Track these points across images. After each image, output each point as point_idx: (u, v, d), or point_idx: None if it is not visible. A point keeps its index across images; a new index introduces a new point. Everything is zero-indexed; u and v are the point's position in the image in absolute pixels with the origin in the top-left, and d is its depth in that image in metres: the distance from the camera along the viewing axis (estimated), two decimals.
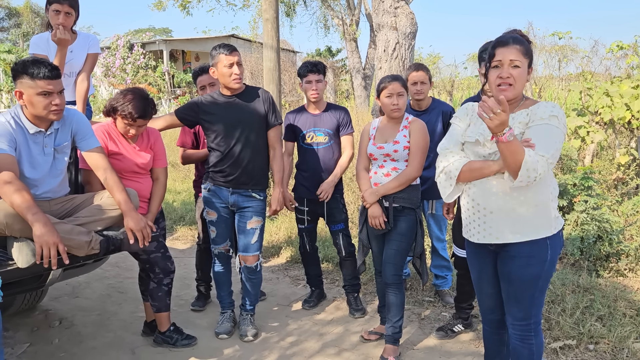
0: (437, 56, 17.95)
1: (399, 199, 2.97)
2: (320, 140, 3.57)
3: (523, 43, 2.14)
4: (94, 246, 2.52)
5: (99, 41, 3.88)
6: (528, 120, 2.11)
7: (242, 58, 3.20)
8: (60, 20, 3.34)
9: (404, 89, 2.99)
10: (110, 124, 3.05)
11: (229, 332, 3.38)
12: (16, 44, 33.92)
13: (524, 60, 2.12)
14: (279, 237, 5.38)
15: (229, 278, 3.49)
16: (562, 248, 2.31)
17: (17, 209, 2.33)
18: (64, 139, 2.68)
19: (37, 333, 3.49)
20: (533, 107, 2.14)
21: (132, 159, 3.03)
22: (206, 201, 3.31)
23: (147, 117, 2.97)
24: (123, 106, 2.90)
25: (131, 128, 2.96)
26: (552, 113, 2.08)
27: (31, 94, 2.45)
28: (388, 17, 5.79)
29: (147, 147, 3.10)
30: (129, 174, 3.03)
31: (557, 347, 3.02)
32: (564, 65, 11.65)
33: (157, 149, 3.15)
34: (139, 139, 3.09)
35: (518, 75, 2.11)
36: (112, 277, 4.55)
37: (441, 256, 3.86)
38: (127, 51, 18.73)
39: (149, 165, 3.10)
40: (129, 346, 3.29)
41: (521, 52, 2.11)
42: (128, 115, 2.90)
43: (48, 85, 2.44)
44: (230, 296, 3.52)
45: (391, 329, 3.05)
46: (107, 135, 3.01)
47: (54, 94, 2.47)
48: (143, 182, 3.08)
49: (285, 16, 18.31)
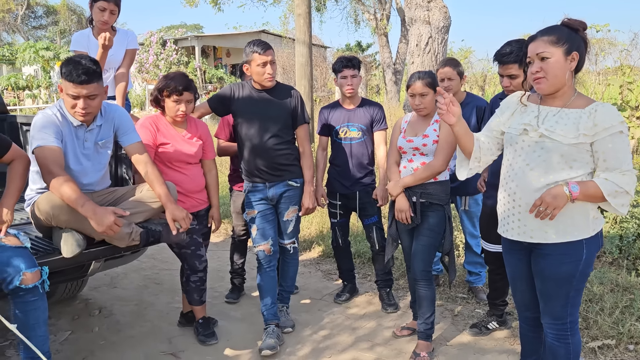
0: (468, 50, 17.71)
1: (426, 194, 2.96)
2: (353, 136, 3.57)
3: (553, 31, 2.07)
4: (135, 237, 2.59)
5: None
6: (592, 126, 2.02)
7: (274, 53, 3.20)
8: (105, 17, 3.43)
9: (427, 88, 2.94)
10: (157, 115, 3.10)
11: (273, 348, 3.08)
12: (54, 41, 34.83)
13: (554, 50, 2.04)
14: (311, 231, 5.41)
15: (273, 286, 3.30)
16: (601, 247, 2.26)
17: (67, 200, 2.41)
18: (106, 135, 2.77)
19: (77, 321, 3.60)
20: (591, 111, 2.05)
21: (181, 147, 3.05)
22: (246, 203, 3.28)
23: (192, 91, 2.99)
24: (167, 83, 2.96)
25: (180, 105, 2.96)
26: (620, 119, 2.01)
27: (63, 92, 2.55)
28: (421, 11, 5.74)
29: (196, 135, 3.13)
30: (177, 164, 3.07)
31: (595, 347, 2.96)
32: (601, 59, 11.34)
33: (206, 139, 3.19)
34: (188, 126, 3.12)
35: (548, 67, 2.05)
36: (149, 269, 4.66)
37: (475, 252, 3.83)
38: (160, 47, 19.05)
39: (198, 154, 3.13)
40: (166, 336, 3.37)
41: (550, 42, 2.05)
42: (174, 90, 2.93)
43: (75, 88, 2.50)
44: (274, 307, 3.30)
45: (423, 325, 3.04)
46: (155, 126, 3.04)
47: (79, 98, 2.53)
48: (190, 175, 3.11)
49: (315, 11, 18.31)
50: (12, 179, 2.51)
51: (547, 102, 2.17)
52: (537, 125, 2.12)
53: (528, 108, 2.22)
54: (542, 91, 2.11)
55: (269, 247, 3.23)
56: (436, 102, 2.30)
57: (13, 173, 2.53)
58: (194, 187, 3.14)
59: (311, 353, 3.14)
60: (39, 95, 22.91)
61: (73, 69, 2.49)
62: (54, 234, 2.54)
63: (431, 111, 3.01)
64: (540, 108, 2.17)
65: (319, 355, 3.11)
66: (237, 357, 3.10)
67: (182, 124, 3.11)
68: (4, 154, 2.52)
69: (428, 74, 2.99)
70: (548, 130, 2.09)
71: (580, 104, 2.09)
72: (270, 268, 3.27)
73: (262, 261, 3.26)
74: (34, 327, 2.35)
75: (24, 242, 2.39)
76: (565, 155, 2.06)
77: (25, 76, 24.43)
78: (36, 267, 2.31)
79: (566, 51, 2.05)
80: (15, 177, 2.53)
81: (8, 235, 2.37)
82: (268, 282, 3.27)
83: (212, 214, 3.29)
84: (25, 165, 2.59)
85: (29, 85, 23.92)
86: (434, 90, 2.96)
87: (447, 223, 3.01)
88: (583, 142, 2.03)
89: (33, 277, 2.28)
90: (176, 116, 3.01)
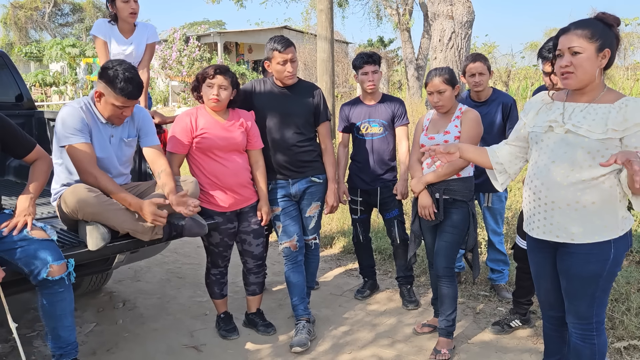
0: (492, 45, 17.46)
1: (450, 191, 2.93)
2: (375, 131, 3.56)
3: (588, 26, 2.01)
4: (158, 232, 2.63)
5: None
6: (622, 121, 1.97)
7: (295, 49, 3.17)
8: (133, 6, 3.53)
9: (445, 85, 2.90)
10: (198, 106, 3.06)
11: (304, 345, 3.07)
12: (80, 38, 35.46)
13: (588, 45, 1.98)
14: (331, 227, 5.42)
15: (301, 281, 3.29)
16: (630, 247, 2.20)
17: (109, 192, 2.55)
18: (131, 134, 2.85)
19: (102, 313, 3.67)
20: (621, 105, 2.00)
21: (220, 135, 2.97)
22: (270, 200, 3.23)
23: (226, 76, 2.93)
24: (204, 70, 2.96)
25: (212, 89, 2.91)
26: None
27: (109, 102, 2.61)
28: (444, 5, 5.68)
29: (238, 124, 3.04)
30: (218, 152, 2.99)
31: (621, 347, 2.91)
32: (630, 53, 11.09)
33: (251, 128, 3.09)
34: (230, 115, 3.06)
35: (579, 62, 1.99)
36: (171, 263, 4.72)
37: (497, 250, 3.79)
38: (182, 44, 19.23)
39: (240, 142, 3.03)
40: (188, 329, 3.41)
41: (584, 36, 1.98)
42: (208, 73, 2.92)
43: (127, 102, 2.61)
44: (304, 302, 3.31)
45: (444, 322, 3.02)
46: (194, 116, 2.99)
47: (127, 108, 2.65)
48: (231, 167, 3.01)
49: (337, 7, 18.27)
50: (34, 177, 2.56)
51: (575, 98, 2.12)
52: (563, 122, 2.08)
53: (553, 105, 2.18)
54: (569, 86, 2.07)
55: (295, 244, 3.24)
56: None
57: (35, 172, 2.59)
58: (236, 180, 3.03)
59: (331, 348, 3.14)
60: (66, 91, 23.35)
61: (129, 85, 2.56)
62: (80, 227, 2.59)
63: (451, 107, 2.98)
64: (565, 105, 2.13)
65: (339, 350, 3.12)
66: (258, 352, 3.12)
67: (223, 113, 3.04)
68: (28, 153, 2.59)
69: (446, 70, 2.96)
70: (575, 126, 2.04)
71: (610, 99, 2.04)
72: (297, 264, 3.28)
73: (288, 257, 3.27)
74: (61, 318, 2.41)
75: (51, 235, 2.44)
76: (592, 151, 2.02)
77: (52, 73, 24.95)
78: (62, 259, 2.36)
79: (599, 48, 1.99)
80: (37, 175, 2.57)
81: (35, 228, 2.42)
82: (296, 278, 3.29)
83: (260, 207, 3.16)
84: (48, 165, 2.64)
85: (55, 82, 24.42)
86: (452, 87, 2.93)
87: (471, 220, 2.98)
88: (612, 137, 1.98)
89: (59, 269, 2.33)
90: (210, 100, 2.93)
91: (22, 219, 2.41)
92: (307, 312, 3.31)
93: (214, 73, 2.91)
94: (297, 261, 3.28)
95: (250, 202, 3.15)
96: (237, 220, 3.15)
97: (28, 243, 2.34)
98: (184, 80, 18.79)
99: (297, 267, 3.29)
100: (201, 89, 2.99)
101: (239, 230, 3.17)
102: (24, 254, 2.31)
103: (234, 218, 3.13)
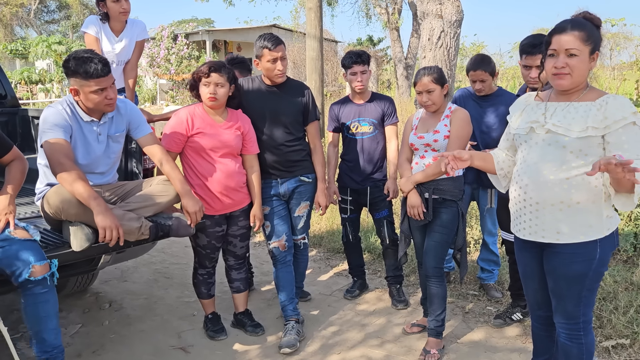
0: (480, 45, 17.56)
1: (439, 190, 2.92)
2: (365, 130, 3.54)
3: (584, 28, 2.00)
4: (144, 232, 2.58)
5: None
6: (602, 119, 1.97)
7: (285, 47, 3.14)
8: (124, 5, 3.48)
9: (434, 84, 2.88)
10: (196, 104, 3.02)
11: (292, 346, 3.04)
12: (66, 35, 35.10)
13: (584, 47, 1.99)
14: (320, 227, 5.39)
15: (290, 281, 3.27)
16: (617, 247, 2.20)
17: (79, 196, 2.41)
18: (119, 129, 2.78)
19: (88, 314, 3.62)
20: (602, 103, 2.00)
21: (216, 135, 2.94)
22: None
23: (222, 73, 2.88)
24: (199, 69, 2.91)
25: (208, 87, 2.86)
26: (632, 110, 1.95)
27: (86, 92, 2.54)
28: (433, 4, 5.67)
29: (234, 126, 3.00)
30: (211, 154, 2.95)
31: (609, 346, 2.92)
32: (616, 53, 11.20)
33: (248, 133, 3.05)
34: (228, 117, 3.01)
35: (575, 64, 1.99)
36: (159, 263, 4.67)
37: (490, 250, 3.78)
38: (171, 42, 19.09)
39: (235, 145, 2.99)
40: (175, 330, 3.37)
41: (580, 38, 1.98)
42: (203, 72, 2.87)
43: (101, 82, 2.52)
44: (293, 303, 3.28)
45: (434, 322, 3.01)
46: (190, 115, 2.94)
47: (107, 89, 2.56)
48: (225, 170, 2.97)
49: (327, 5, 18.24)
50: (10, 178, 2.53)
51: (558, 97, 2.13)
52: (545, 122, 2.08)
53: (536, 106, 2.18)
54: (562, 87, 2.06)
55: (284, 243, 3.22)
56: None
57: (12, 172, 2.56)
58: (227, 184, 2.98)
59: (320, 349, 3.12)
60: (52, 89, 23.09)
61: (92, 65, 2.49)
62: (64, 227, 2.54)
63: (440, 107, 2.96)
64: (547, 105, 2.13)
65: (328, 351, 3.10)
66: (247, 353, 3.09)
67: (221, 113, 3.00)
68: (4, 154, 2.55)
69: (435, 69, 2.94)
70: (555, 126, 2.05)
71: (591, 97, 2.05)
72: (286, 263, 3.26)
73: (277, 257, 3.24)
74: (45, 320, 2.36)
75: (34, 235, 2.39)
76: (575, 150, 2.02)
77: (38, 70, 24.63)
78: (45, 259, 2.32)
79: (591, 50, 2.01)
80: (13, 175, 2.54)
81: (17, 228, 2.37)
82: (285, 278, 3.26)
83: (254, 212, 3.11)
84: (23, 166, 2.61)
85: (41, 79, 24.12)
86: (441, 86, 2.91)
87: (461, 219, 2.97)
88: (592, 135, 1.98)
89: (42, 269, 2.29)
90: (207, 99, 2.89)
91: (3, 217, 2.36)
92: (296, 313, 3.28)
93: (208, 71, 2.87)
94: (286, 261, 3.25)
95: (241, 206, 3.11)
96: (227, 223, 3.12)
97: (9, 243, 2.29)
98: (172, 78, 18.65)
99: (286, 267, 3.26)
100: (199, 88, 2.95)
101: (227, 233, 3.14)
102: (5, 254, 2.27)
103: (223, 221, 3.09)
